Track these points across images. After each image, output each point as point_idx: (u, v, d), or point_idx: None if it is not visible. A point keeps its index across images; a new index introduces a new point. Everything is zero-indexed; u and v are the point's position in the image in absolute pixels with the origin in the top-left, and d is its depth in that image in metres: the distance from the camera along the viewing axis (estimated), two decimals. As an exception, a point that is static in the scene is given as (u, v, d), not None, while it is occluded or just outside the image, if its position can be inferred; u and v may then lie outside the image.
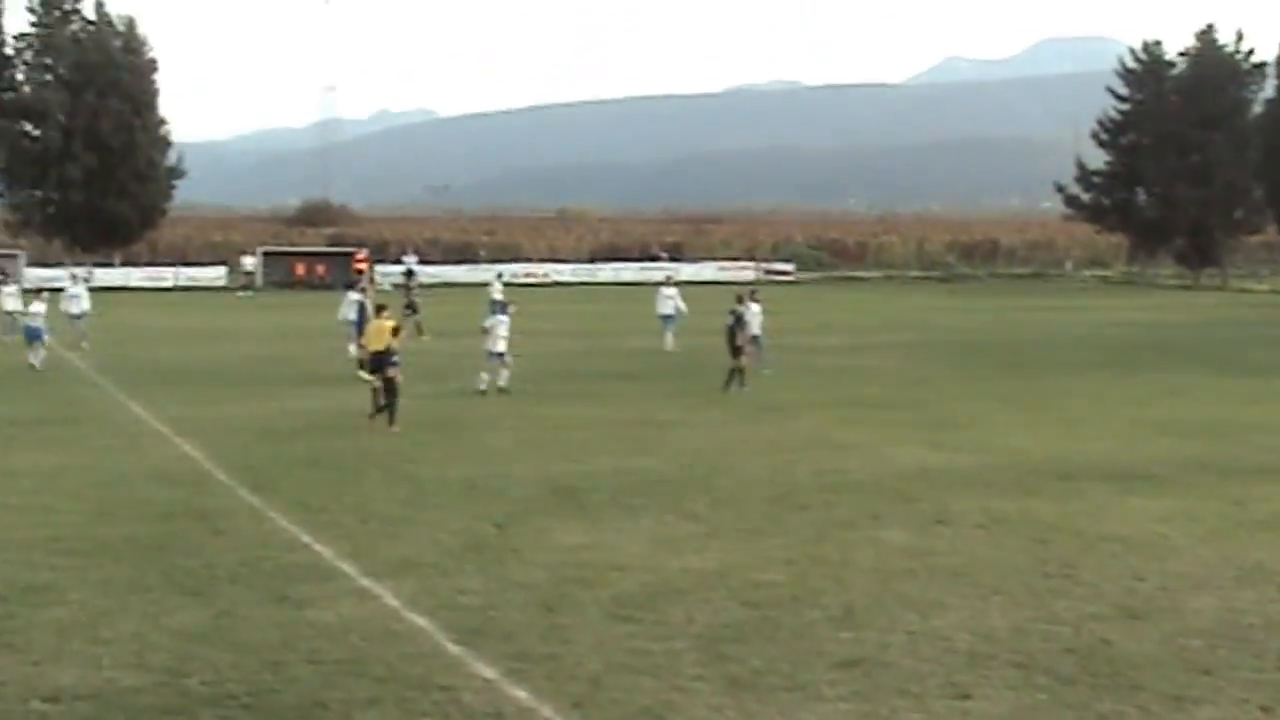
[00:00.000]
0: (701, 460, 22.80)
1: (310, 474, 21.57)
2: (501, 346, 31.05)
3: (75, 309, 42.53)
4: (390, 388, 26.11)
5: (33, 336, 36.70)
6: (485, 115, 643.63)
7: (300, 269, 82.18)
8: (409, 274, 58.40)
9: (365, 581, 14.91)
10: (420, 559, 15.93)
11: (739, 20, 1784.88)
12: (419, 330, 43.38)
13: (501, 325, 31.14)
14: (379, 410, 26.30)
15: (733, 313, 32.79)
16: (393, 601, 14.16)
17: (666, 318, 42.04)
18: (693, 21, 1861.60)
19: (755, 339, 34.31)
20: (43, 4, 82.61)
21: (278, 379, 34.53)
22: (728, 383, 31.44)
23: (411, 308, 44.71)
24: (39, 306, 37.51)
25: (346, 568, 15.50)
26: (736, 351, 31.99)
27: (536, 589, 14.63)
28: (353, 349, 33.83)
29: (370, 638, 12.96)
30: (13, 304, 44.74)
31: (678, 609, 13.87)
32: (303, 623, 13.42)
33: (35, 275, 77.58)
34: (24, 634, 13.06)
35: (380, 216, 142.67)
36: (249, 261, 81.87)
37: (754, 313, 34.75)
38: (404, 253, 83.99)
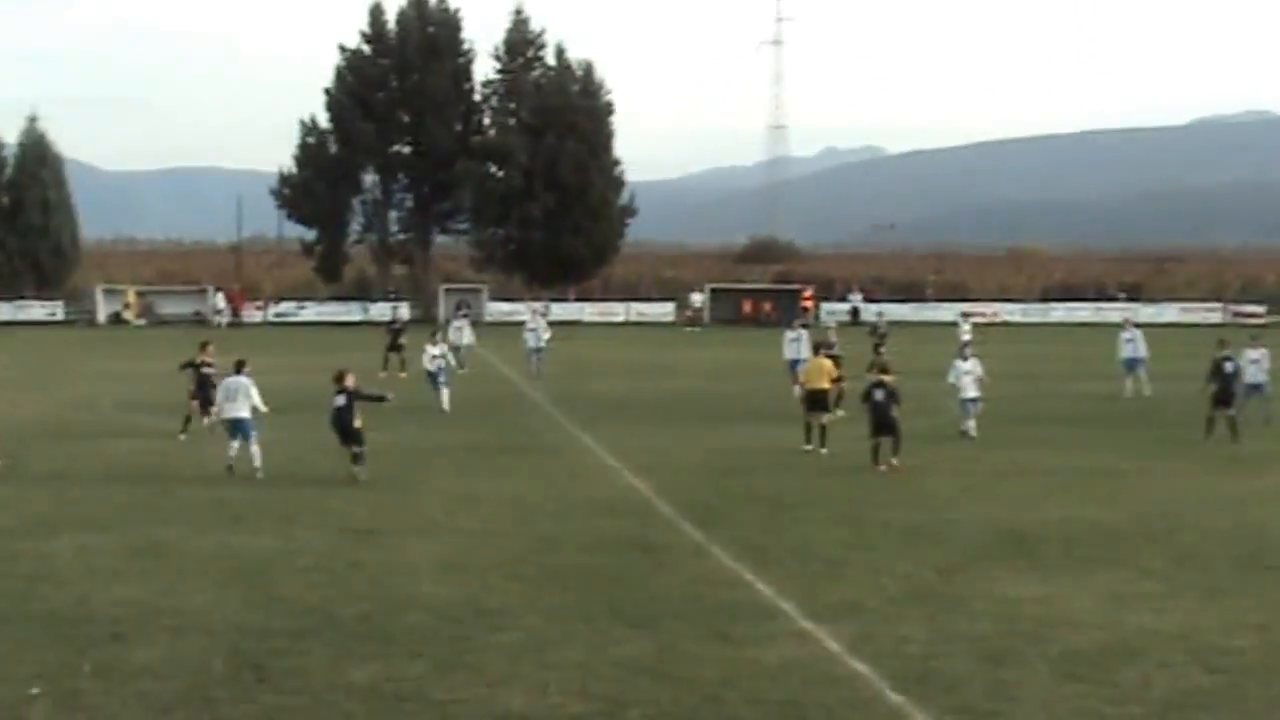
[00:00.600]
0: (1160, 513, 21.77)
1: (752, 511, 21.75)
2: (974, 392, 30.54)
3: (533, 342, 44.53)
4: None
5: (434, 382, 35.99)
6: (933, 151, 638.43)
7: (747, 306, 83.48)
8: (855, 312, 58.21)
9: (806, 623, 14.88)
10: (862, 603, 15.79)
11: (1206, 48, 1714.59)
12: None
13: (968, 370, 30.67)
14: (819, 443, 27.45)
15: (1222, 358, 31.08)
16: (833, 645, 14.07)
17: (1128, 361, 40.42)
18: (1154, 50, 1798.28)
19: (1258, 388, 32.60)
20: (507, 52, 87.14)
21: (722, 415, 35.04)
22: (1207, 432, 29.94)
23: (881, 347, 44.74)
24: (437, 349, 36.77)
25: (787, 608, 15.51)
26: (1222, 401, 30.47)
27: (982, 640, 14.26)
28: (797, 390, 33.93)
29: (810, 681, 12.90)
30: (467, 338, 46.93)
31: (1133, 671, 13.25)
32: (743, 661, 13.49)
33: (496, 309, 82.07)
34: (478, 655, 13.63)
35: (826, 254, 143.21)
36: (697, 298, 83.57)
37: (1253, 359, 32.81)
38: (849, 291, 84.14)
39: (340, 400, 24.57)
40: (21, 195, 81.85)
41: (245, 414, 25.35)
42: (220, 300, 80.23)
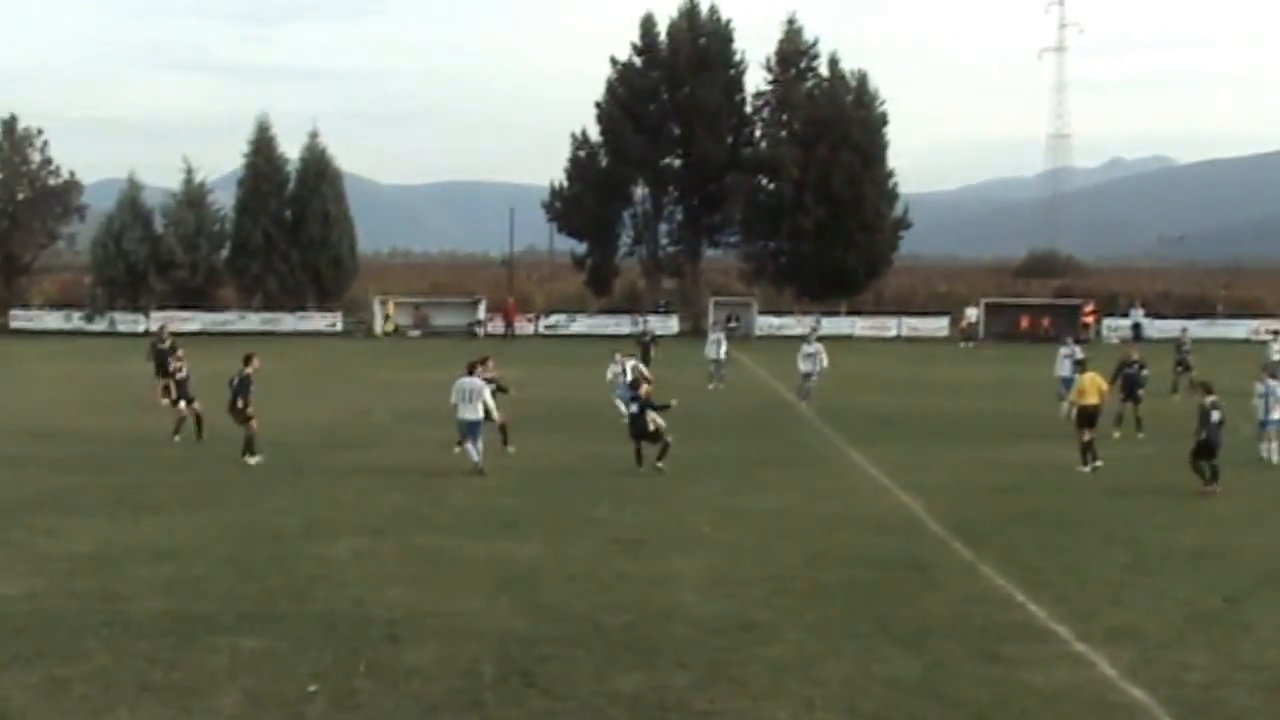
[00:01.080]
0: None
1: (1025, 531, 21.39)
2: (1278, 414, 29.45)
3: (807, 366, 42.75)
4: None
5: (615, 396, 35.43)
6: (1226, 161, 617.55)
7: (1024, 321, 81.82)
8: (1136, 328, 56.54)
9: (1080, 646, 14.59)
10: (1140, 627, 15.41)
11: None
12: (1174, 389, 42.20)
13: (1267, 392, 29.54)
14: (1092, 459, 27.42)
15: None
16: (1109, 670, 13.77)
17: None
18: None
19: None
20: (780, 62, 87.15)
21: (995, 432, 34.46)
22: None
23: (1183, 365, 43.58)
24: (618, 367, 36.49)
25: (1061, 630, 15.24)
26: None
27: (1269, 670, 13.79)
28: (1064, 406, 33.21)
29: (1084, 706, 12.67)
30: (721, 351, 46.74)
31: None
32: (1014, 683, 13.30)
33: (766, 323, 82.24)
34: (742, 668, 13.72)
35: (1109, 268, 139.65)
36: (972, 313, 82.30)
37: None
38: (1131, 306, 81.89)
39: (633, 408, 27.39)
40: (303, 209, 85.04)
41: (478, 416, 26.73)
42: (481, 311, 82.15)
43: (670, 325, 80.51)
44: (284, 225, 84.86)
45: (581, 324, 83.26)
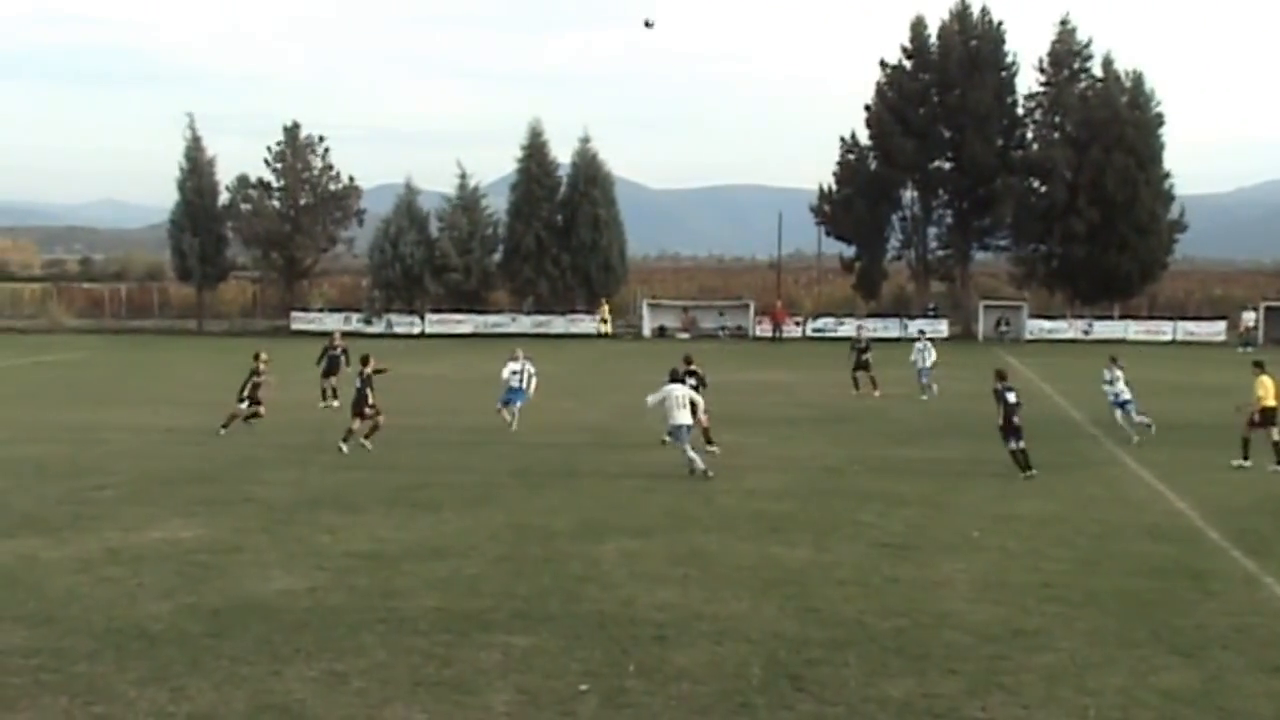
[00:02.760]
0: None
1: (1313, 542, 20.52)
2: None
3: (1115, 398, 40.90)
4: None
5: (511, 398, 34.70)
6: None
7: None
8: None
9: (1372, 663, 13.94)
10: None
11: None
12: None
13: None
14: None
15: None
16: (1404, 688, 13.13)
17: None
18: None
19: None
20: (1052, 64, 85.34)
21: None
22: None
23: None
24: (516, 365, 35.01)
25: (1350, 646, 14.58)
26: None
27: None
28: None
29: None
30: (930, 359, 45.29)
31: None
32: (1300, 699, 12.78)
33: (1037, 326, 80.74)
34: (1014, 676, 13.47)
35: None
36: (1250, 316, 79.48)
37: None
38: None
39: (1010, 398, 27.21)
40: (574, 213, 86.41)
41: (687, 420, 27.09)
42: (749, 313, 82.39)
43: (940, 329, 79.53)
44: (555, 229, 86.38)
45: (850, 327, 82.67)
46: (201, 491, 24.68)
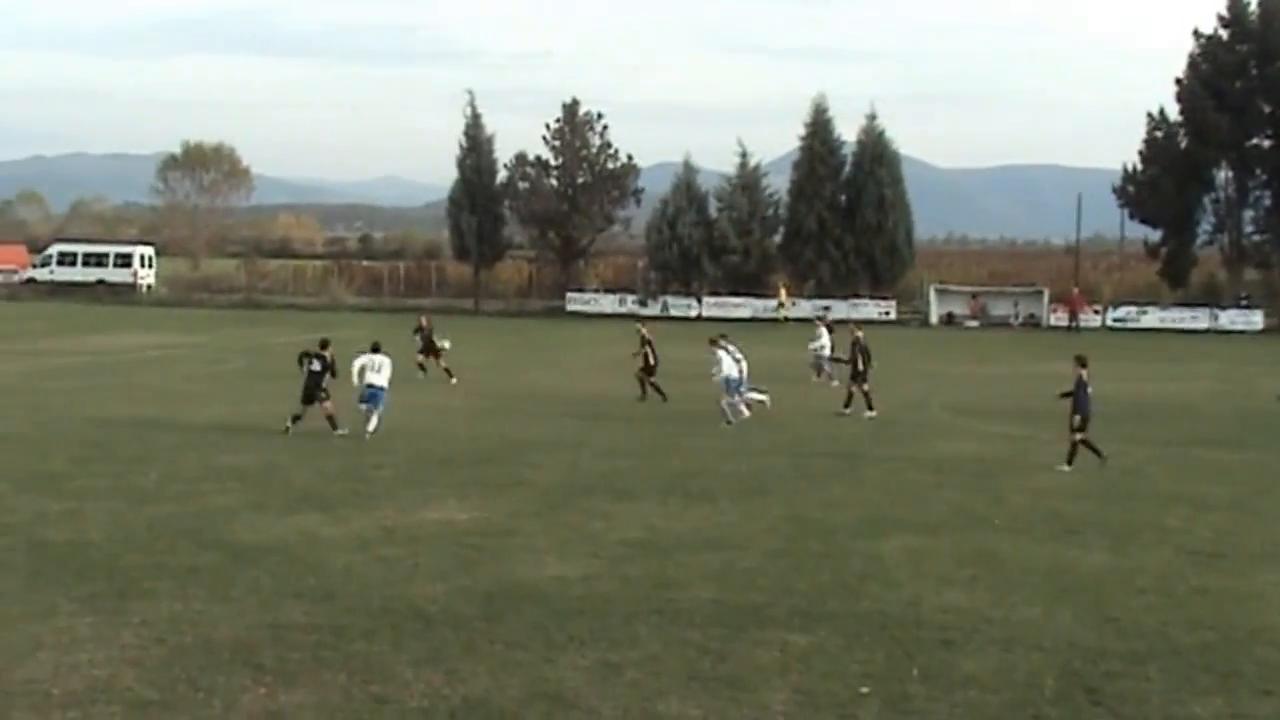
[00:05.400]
0: None
1: None
2: None
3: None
4: None
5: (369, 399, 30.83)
6: None
7: None
8: None
9: None
10: None
11: None
12: None
13: None
14: None
15: None
16: None
17: None
18: None
19: None
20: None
21: None
22: None
23: None
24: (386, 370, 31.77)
25: None
26: None
27: None
28: None
29: None
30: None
31: None
32: None
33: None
34: None
35: None
36: None
37: None
38: None
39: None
40: (859, 193, 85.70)
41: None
42: (1044, 300, 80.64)
43: (1253, 321, 76.73)
44: (838, 210, 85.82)
45: (1153, 317, 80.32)
46: (475, 473, 25.26)
